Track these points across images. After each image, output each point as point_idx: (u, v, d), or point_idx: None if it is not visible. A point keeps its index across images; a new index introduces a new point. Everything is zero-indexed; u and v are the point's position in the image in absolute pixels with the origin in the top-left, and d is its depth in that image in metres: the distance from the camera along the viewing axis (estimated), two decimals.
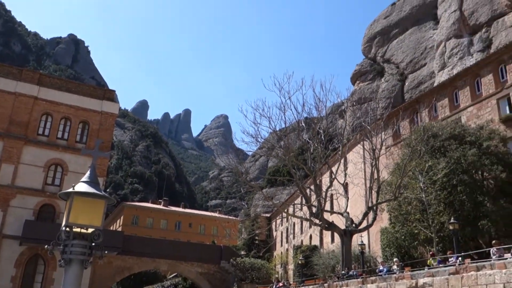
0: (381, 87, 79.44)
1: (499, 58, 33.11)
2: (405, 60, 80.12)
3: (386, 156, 37.00)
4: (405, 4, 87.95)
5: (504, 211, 25.35)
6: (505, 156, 28.37)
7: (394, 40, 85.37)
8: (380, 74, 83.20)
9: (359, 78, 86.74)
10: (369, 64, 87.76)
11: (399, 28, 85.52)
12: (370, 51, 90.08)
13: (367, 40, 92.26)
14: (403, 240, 29.43)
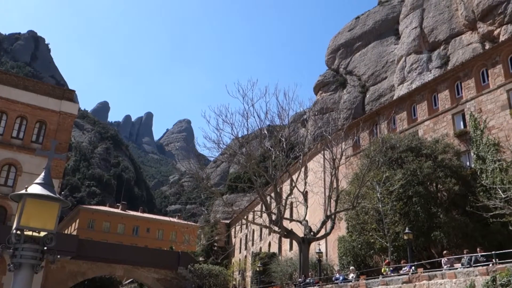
0: (343, 98, 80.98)
1: (455, 75, 34.45)
2: (367, 73, 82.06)
3: (345, 166, 37.68)
4: (368, 19, 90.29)
5: (456, 222, 26.27)
6: (459, 169, 29.47)
7: (357, 53, 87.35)
8: (342, 85, 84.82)
9: (322, 89, 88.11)
10: (332, 75, 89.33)
11: (362, 41, 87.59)
12: (334, 63, 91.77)
13: (331, 52, 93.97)
14: (359, 249, 30.01)
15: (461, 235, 26.27)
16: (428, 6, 75.64)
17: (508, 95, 29.87)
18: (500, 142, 29.00)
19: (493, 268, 17.28)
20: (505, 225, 24.73)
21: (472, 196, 26.70)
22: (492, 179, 27.97)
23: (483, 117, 30.82)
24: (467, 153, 31.47)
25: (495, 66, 31.29)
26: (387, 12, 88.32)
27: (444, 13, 72.36)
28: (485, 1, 62.59)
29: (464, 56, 59.98)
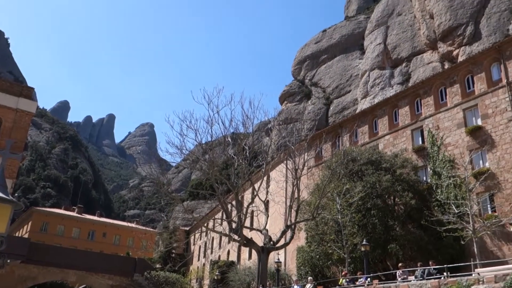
0: (307, 109, 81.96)
1: (416, 92, 35.51)
2: (331, 85, 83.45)
3: (307, 176, 38.00)
4: (335, 32, 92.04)
5: (411, 235, 26.94)
6: (416, 183, 30.29)
7: (323, 65, 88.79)
8: (307, 96, 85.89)
9: (287, 99, 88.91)
10: (297, 85, 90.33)
11: (328, 54, 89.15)
12: (300, 74, 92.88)
13: (297, 63, 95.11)
14: (317, 259, 30.25)
15: (416, 248, 26.93)
16: (392, 23, 77.87)
17: (464, 114, 31.02)
18: (455, 158, 30.02)
19: (444, 281, 17.77)
20: (457, 240, 25.54)
21: (427, 210, 27.47)
22: (447, 194, 28.88)
23: (440, 134, 31.86)
24: (424, 168, 32.39)
25: (453, 85, 32.47)
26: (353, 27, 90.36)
27: (407, 31, 74.63)
28: (446, 22, 65.02)
29: (424, 74, 61.96)
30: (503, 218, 25.40)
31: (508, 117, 28.17)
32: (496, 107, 29.11)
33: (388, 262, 28.77)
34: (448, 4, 66.19)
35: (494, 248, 26.56)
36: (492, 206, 27.59)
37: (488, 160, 28.55)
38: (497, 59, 30.19)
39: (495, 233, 26.19)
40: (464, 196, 26.18)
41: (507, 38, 35.06)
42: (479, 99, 30.33)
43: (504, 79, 29.22)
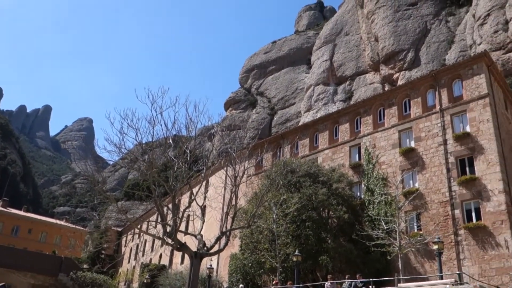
0: (251, 118, 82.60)
1: (357, 110, 36.82)
2: (277, 96, 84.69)
3: (246, 184, 38.20)
4: (284, 45, 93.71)
5: (342, 248, 27.75)
6: (350, 198, 31.30)
7: (270, 76, 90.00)
8: (252, 105, 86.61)
9: (233, 106, 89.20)
10: (243, 93, 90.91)
11: (276, 65, 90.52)
12: (247, 82, 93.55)
13: (245, 71, 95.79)
14: (250, 267, 30.37)
15: (345, 261, 27.75)
16: (339, 42, 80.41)
17: (399, 135, 32.54)
18: (388, 177, 31.38)
19: None
20: (384, 255, 26.64)
21: (358, 225, 28.47)
22: (378, 211, 30.12)
23: (376, 153, 33.20)
24: (359, 184, 33.57)
25: (391, 107, 34.00)
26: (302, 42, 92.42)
27: (353, 51, 77.34)
28: (389, 46, 68.04)
29: (366, 94, 64.42)
30: (427, 236, 26.79)
31: (439, 141, 29.86)
32: (429, 131, 30.78)
33: (318, 273, 29.43)
34: (393, 30, 69.36)
35: (417, 265, 27.93)
36: (418, 224, 29.03)
37: (417, 181, 30.07)
38: (433, 86, 31.99)
39: (419, 250, 27.57)
40: (393, 213, 27.40)
41: (443, 67, 37.24)
42: (414, 122, 31.94)
43: (437, 105, 31.00)
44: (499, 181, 26.23)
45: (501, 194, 25.86)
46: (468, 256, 25.98)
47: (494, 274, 24.59)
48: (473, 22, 61.55)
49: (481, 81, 29.38)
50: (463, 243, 26.44)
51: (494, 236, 25.27)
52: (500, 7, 57.32)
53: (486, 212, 26.17)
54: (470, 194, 27.17)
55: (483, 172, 27.06)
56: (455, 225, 27.08)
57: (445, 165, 28.99)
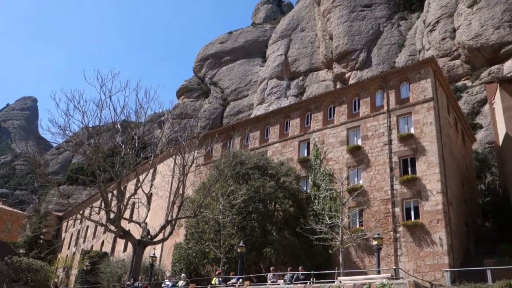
0: (203, 107, 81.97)
1: (308, 106, 37.33)
2: (230, 87, 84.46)
3: (194, 174, 37.95)
4: (240, 36, 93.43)
5: (286, 241, 28.16)
6: (296, 192, 31.78)
7: (225, 66, 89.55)
8: (205, 94, 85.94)
9: (185, 94, 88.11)
10: (197, 82, 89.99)
11: (231, 56, 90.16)
12: (201, 71, 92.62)
13: (200, 59, 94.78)
14: (194, 257, 30.24)
15: (289, 254, 28.19)
16: (295, 37, 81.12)
17: (348, 133, 33.33)
18: (334, 173, 32.11)
19: (310, 286, 18.85)
20: (326, 248, 27.29)
21: (303, 219, 28.97)
22: (323, 206, 30.79)
23: (324, 149, 33.85)
24: (306, 179, 34.12)
25: (341, 105, 34.74)
26: (259, 34, 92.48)
27: (307, 47, 78.23)
28: (343, 45, 69.39)
29: (318, 90, 65.48)
30: (368, 232, 27.67)
31: (384, 141, 30.84)
32: (376, 130, 31.72)
33: (261, 265, 29.73)
34: (347, 29, 70.76)
35: (357, 259, 28.85)
36: (360, 220, 29.93)
37: (362, 178, 30.96)
38: (382, 87, 32.95)
39: (359, 245, 28.46)
40: (337, 209, 28.08)
41: (392, 69, 38.45)
42: (362, 121, 32.80)
43: (385, 106, 31.97)
44: (438, 182, 27.47)
45: (439, 195, 27.10)
46: (405, 253, 27.09)
47: (428, 270, 25.79)
48: (423, 28, 63.92)
49: (427, 85, 30.56)
50: (401, 240, 27.53)
51: (430, 234, 26.48)
52: (449, 15, 59.81)
53: (424, 211, 27.35)
54: (410, 193, 28.30)
55: (424, 173, 28.24)
56: (395, 222, 28.13)
57: (388, 164, 30.00)
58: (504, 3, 52.98)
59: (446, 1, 61.13)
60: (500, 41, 50.88)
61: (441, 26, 59.53)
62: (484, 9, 54.05)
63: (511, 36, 50.46)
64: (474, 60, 53.45)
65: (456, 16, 57.87)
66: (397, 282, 17.13)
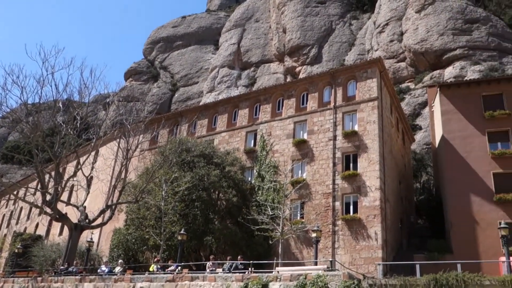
0: (152, 91, 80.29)
1: (257, 97, 37.47)
2: (180, 73, 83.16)
3: (138, 158, 37.17)
4: (194, 22, 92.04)
5: (227, 230, 28.30)
6: (241, 182, 31.91)
7: (176, 51, 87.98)
8: (154, 78, 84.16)
9: (133, 76, 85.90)
10: (146, 65, 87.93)
11: (183, 41, 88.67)
12: (151, 54, 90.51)
13: (150, 42, 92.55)
14: (133, 243, 29.74)
15: (230, 243, 28.34)
16: (249, 27, 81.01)
17: (295, 126, 33.79)
18: (279, 165, 32.50)
19: (248, 276, 19.06)
20: (267, 239, 27.67)
21: (246, 209, 29.19)
22: (266, 197, 31.14)
23: (271, 141, 34.16)
24: (251, 169, 34.33)
25: (290, 98, 35.14)
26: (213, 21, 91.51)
27: (261, 39, 78.34)
28: (295, 39, 70.08)
29: (268, 82, 65.84)
30: (308, 224, 28.34)
31: (329, 136, 31.55)
32: (322, 126, 32.38)
33: (202, 253, 29.73)
34: (300, 24, 71.49)
35: (296, 250, 29.46)
36: (301, 212, 30.55)
37: (306, 172, 31.56)
38: (330, 83, 33.62)
39: (299, 237, 29.08)
40: (280, 200, 28.51)
41: (341, 67, 39.29)
42: (309, 116, 33.35)
43: (332, 102, 32.67)
44: (377, 178, 28.49)
45: (377, 191, 28.13)
46: (342, 246, 27.96)
47: (362, 263, 26.78)
48: (373, 29, 65.73)
49: (373, 85, 31.51)
50: (339, 233, 28.38)
51: (367, 228, 27.47)
52: (398, 18, 61.84)
53: (362, 206, 28.31)
54: (351, 188, 29.17)
55: (364, 169, 29.19)
56: (334, 216, 28.94)
57: (332, 159, 30.75)
58: (449, 12, 55.46)
59: (396, 5, 63.14)
60: (443, 47, 53.26)
61: (390, 28, 61.45)
62: (431, 16, 56.34)
63: (454, 44, 52.96)
64: (418, 64, 55.66)
65: (405, 20, 59.95)
66: (332, 274, 17.66)
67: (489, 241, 26.37)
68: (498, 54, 51.89)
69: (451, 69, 51.73)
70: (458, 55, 52.28)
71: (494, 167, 28.60)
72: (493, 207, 27.54)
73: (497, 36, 53.61)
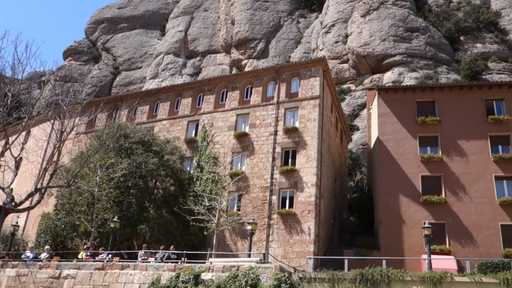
0: (92, 73, 77.35)
1: (201, 87, 37.14)
2: (123, 56, 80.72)
3: (73, 142, 35.71)
4: (141, 5, 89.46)
5: (163, 219, 27.93)
6: (179, 172, 31.57)
7: (120, 33, 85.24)
8: (95, 59, 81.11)
9: (73, 56, 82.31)
10: (88, 45, 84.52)
11: (128, 23, 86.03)
12: (93, 34, 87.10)
13: (93, 22, 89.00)
14: (62, 229, 28.63)
15: (164, 232, 28.00)
16: (197, 16, 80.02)
17: (237, 119, 33.85)
18: (219, 157, 32.47)
19: (180, 265, 18.95)
20: (202, 230, 27.62)
21: (182, 199, 28.91)
22: (204, 188, 31.04)
23: (213, 132, 34.03)
24: (190, 159, 34.03)
25: (234, 90, 35.13)
26: (160, 6, 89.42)
27: (209, 28, 77.66)
28: (243, 32, 70.10)
29: (213, 73, 65.46)
30: (244, 217, 28.57)
31: (270, 131, 31.91)
32: (264, 120, 32.66)
33: (135, 242, 29.17)
34: (249, 17, 71.61)
35: (230, 242, 29.62)
36: (238, 205, 30.73)
37: (245, 164, 31.74)
38: (275, 79, 33.96)
39: (234, 229, 29.26)
40: (217, 192, 28.51)
41: (286, 63, 39.84)
42: (252, 109, 33.53)
43: (275, 97, 33.03)
44: (314, 175, 29.20)
45: (313, 187, 28.85)
46: (276, 239, 28.45)
47: (295, 256, 27.41)
48: (319, 29, 67.07)
49: (316, 84, 32.18)
50: (274, 226, 28.84)
51: (301, 223, 28.12)
52: (344, 21, 63.49)
53: (298, 201, 28.93)
54: (288, 183, 29.70)
55: (302, 165, 29.81)
56: (270, 209, 29.36)
57: (271, 153, 31.13)
58: (392, 19, 57.67)
59: (343, 7, 64.76)
60: (384, 52, 55.34)
61: (336, 29, 62.96)
62: (375, 21, 58.32)
63: (394, 50, 55.17)
64: (360, 66, 57.50)
65: (350, 22, 61.63)
66: (264, 266, 17.96)
67: (413, 240, 27.86)
68: (433, 63, 54.69)
69: (390, 74, 53.88)
70: (398, 61, 54.55)
71: (422, 170, 30.16)
72: (419, 207, 29.08)
73: (434, 46, 56.46)
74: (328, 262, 23.56)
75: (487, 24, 59.39)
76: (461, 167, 29.58)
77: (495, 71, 53.29)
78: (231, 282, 17.51)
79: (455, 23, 59.83)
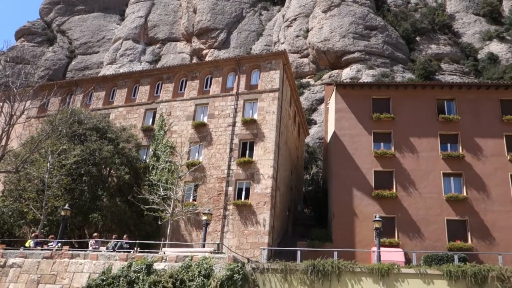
0: (46, 55, 74.47)
1: (160, 75, 36.54)
2: (80, 40, 78.21)
3: (23, 126, 34.45)
4: None
5: (116, 208, 27.39)
6: (134, 160, 31.03)
7: (77, 16, 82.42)
8: (50, 42, 78.15)
9: (26, 37, 78.92)
10: (42, 26, 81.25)
11: (86, 6, 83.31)
12: (48, 15, 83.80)
13: (49, 2, 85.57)
14: (9, 216, 27.56)
15: (117, 221, 27.50)
16: (158, 2, 78.56)
17: (196, 109, 33.58)
18: (176, 146, 32.13)
19: (132, 255, 18.71)
20: (156, 219, 27.34)
21: (137, 188, 28.45)
22: (159, 177, 30.68)
23: (170, 121, 33.61)
24: (147, 148, 33.52)
25: (194, 80, 34.79)
26: None
27: (170, 15, 76.44)
28: (205, 21, 69.45)
29: (173, 61, 64.55)
30: (199, 207, 28.47)
31: (229, 122, 31.86)
32: (222, 110, 32.56)
33: (86, 230, 28.52)
34: (212, 6, 70.99)
35: (185, 232, 29.47)
36: (194, 195, 30.58)
37: (202, 155, 31.58)
38: (235, 70, 33.87)
39: (189, 219, 29.13)
40: (173, 181, 28.23)
41: (247, 55, 39.80)
42: (211, 100, 33.33)
43: (235, 89, 32.97)
44: (270, 167, 29.45)
45: (269, 179, 29.09)
46: (231, 230, 28.55)
47: (249, 247, 27.62)
48: (281, 22, 67.37)
49: (276, 76, 32.35)
50: (229, 217, 28.92)
51: (256, 214, 28.33)
52: (305, 15, 64.04)
53: (254, 192, 29.11)
54: (244, 175, 29.81)
55: (259, 157, 29.99)
56: (226, 200, 29.41)
57: (229, 145, 31.11)
58: (352, 16, 58.66)
59: (305, 2, 65.26)
60: (343, 49, 56.27)
61: (297, 24, 63.42)
62: (336, 17, 59.14)
63: (353, 47, 56.21)
64: (320, 61, 58.24)
65: (312, 18, 62.23)
66: (217, 256, 18.00)
67: (364, 232, 28.65)
68: (390, 62, 56.14)
69: (348, 70, 54.90)
70: (356, 58, 55.61)
71: (375, 165, 31.00)
72: (371, 201, 29.90)
73: (391, 45, 57.93)
74: (281, 253, 23.86)
75: (441, 26, 61.53)
76: (412, 163, 30.60)
77: (448, 72, 55.39)
78: (184, 272, 17.45)
79: (412, 24, 61.62)
